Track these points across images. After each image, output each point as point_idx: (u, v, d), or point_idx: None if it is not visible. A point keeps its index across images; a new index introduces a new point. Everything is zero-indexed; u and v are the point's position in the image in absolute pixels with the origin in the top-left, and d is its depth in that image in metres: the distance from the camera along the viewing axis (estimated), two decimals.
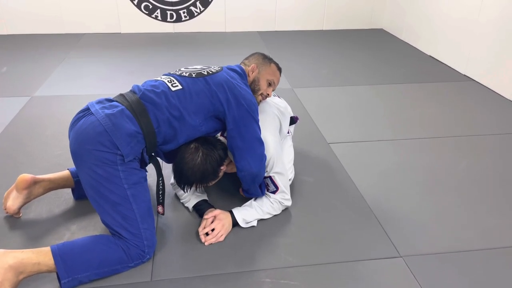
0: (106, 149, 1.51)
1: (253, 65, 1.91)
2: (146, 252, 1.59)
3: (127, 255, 1.55)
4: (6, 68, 3.68)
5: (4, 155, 2.35)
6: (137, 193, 1.58)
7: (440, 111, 3.04)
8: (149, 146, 1.62)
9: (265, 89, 1.90)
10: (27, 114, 2.86)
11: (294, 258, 1.67)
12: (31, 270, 1.43)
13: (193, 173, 1.68)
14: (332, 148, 2.49)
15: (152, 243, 1.61)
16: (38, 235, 1.76)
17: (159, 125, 1.61)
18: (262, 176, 1.79)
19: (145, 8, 4.79)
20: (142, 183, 1.61)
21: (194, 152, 1.67)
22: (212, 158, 1.69)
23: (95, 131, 1.52)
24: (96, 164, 1.51)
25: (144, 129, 1.57)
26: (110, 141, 1.51)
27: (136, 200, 1.57)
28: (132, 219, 1.56)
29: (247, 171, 1.71)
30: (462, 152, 2.49)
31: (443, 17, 4.01)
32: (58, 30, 4.74)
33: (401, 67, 3.94)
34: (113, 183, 1.53)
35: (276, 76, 1.95)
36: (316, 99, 3.19)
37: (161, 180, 1.73)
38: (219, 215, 1.77)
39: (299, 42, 4.70)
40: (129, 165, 1.56)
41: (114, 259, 1.53)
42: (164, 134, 1.64)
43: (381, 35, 5.01)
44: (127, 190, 1.55)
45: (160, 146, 1.69)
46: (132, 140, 1.55)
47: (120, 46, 4.42)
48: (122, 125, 1.53)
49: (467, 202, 2.05)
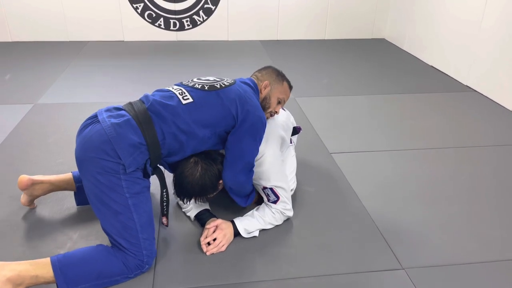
0: (109, 158, 1.51)
1: (266, 81, 1.89)
2: (145, 262, 1.58)
3: (126, 266, 1.55)
4: (9, 75, 3.71)
5: (7, 162, 2.36)
6: (138, 203, 1.58)
7: (442, 121, 3.04)
8: (153, 157, 1.61)
9: (274, 106, 1.90)
10: (30, 121, 2.87)
11: (296, 269, 1.66)
12: (29, 282, 1.43)
13: (192, 187, 1.69)
14: (334, 158, 2.49)
15: (151, 253, 1.60)
16: (39, 244, 1.76)
17: (164, 137, 1.61)
18: (241, 191, 1.82)
19: (149, 17, 4.83)
20: (144, 193, 1.62)
21: (193, 167, 1.68)
22: (211, 172, 1.71)
23: (100, 140, 1.53)
24: (99, 172, 1.52)
25: (148, 141, 1.57)
26: (113, 150, 1.51)
27: (137, 210, 1.57)
28: (132, 228, 1.56)
29: (224, 181, 1.77)
30: (463, 163, 2.49)
31: (445, 27, 4.03)
32: (62, 38, 4.78)
33: (403, 77, 3.96)
34: (115, 192, 1.53)
35: (287, 94, 1.95)
36: (318, 109, 3.20)
37: (165, 192, 1.73)
38: (221, 225, 1.77)
39: (301, 51, 4.73)
40: (131, 174, 1.56)
41: (113, 271, 1.53)
42: (169, 147, 1.64)
43: (383, 45, 5.04)
44: (128, 199, 1.55)
45: (165, 158, 1.69)
46: (135, 151, 1.54)
47: (123, 54, 4.44)
48: (126, 135, 1.54)
49: (469, 213, 2.04)
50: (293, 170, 2.09)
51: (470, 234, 1.90)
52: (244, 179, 1.77)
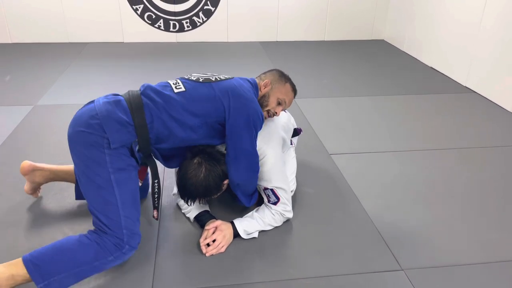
0: (95, 132, 1.55)
1: (267, 80, 1.89)
2: (125, 241, 1.54)
3: (102, 248, 1.52)
4: (9, 77, 3.71)
5: (7, 163, 2.36)
6: (121, 179, 1.57)
7: (441, 122, 3.05)
8: (141, 141, 1.62)
9: (273, 106, 1.86)
10: (30, 123, 2.87)
11: (295, 270, 1.67)
12: (7, 284, 1.43)
13: (196, 188, 1.68)
14: (334, 159, 2.50)
15: (132, 233, 1.56)
16: (37, 245, 1.76)
17: (152, 120, 1.62)
18: (248, 187, 1.80)
19: (148, 18, 4.83)
20: (129, 170, 1.61)
21: (197, 168, 1.67)
22: (215, 173, 1.69)
23: (89, 115, 1.59)
24: (85, 147, 1.56)
25: (136, 122, 1.59)
26: (99, 124, 1.56)
27: (119, 186, 1.57)
28: (112, 204, 1.55)
29: (230, 180, 1.75)
30: (463, 164, 2.49)
31: (444, 28, 4.03)
32: (62, 39, 4.78)
33: (402, 78, 3.96)
34: (98, 166, 1.55)
35: (288, 96, 1.90)
36: (318, 110, 3.21)
37: (157, 183, 1.73)
38: (220, 226, 1.77)
39: (300, 52, 4.74)
40: (117, 150, 1.57)
41: (89, 256, 1.50)
42: (157, 132, 1.64)
43: (382, 46, 5.05)
44: (111, 174, 1.55)
45: (155, 146, 1.69)
46: (121, 128, 1.57)
47: (123, 55, 4.45)
48: (114, 112, 1.59)
49: (469, 215, 2.04)
50: (293, 171, 2.10)
51: (470, 235, 1.90)
52: (251, 174, 1.76)
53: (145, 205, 2.03)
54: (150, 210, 1.99)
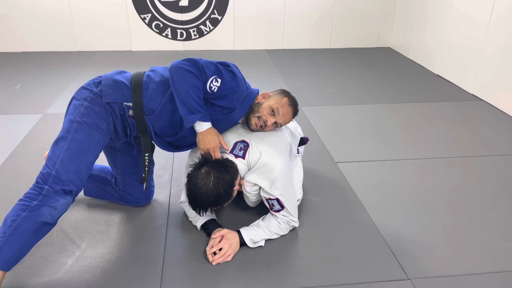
0: (88, 87, 1.76)
1: (267, 92, 1.92)
2: (49, 182, 1.57)
3: (25, 198, 1.55)
4: (20, 85, 3.77)
5: (17, 171, 2.40)
6: (82, 130, 1.66)
7: (447, 131, 3.04)
8: (135, 106, 1.73)
9: (265, 114, 1.84)
10: (40, 131, 2.92)
11: (301, 279, 1.67)
12: None
13: (207, 198, 1.67)
14: (340, 167, 2.50)
15: (59, 178, 1.58)
16: (48, 254, 1.78)
17: (148, 87, 1.75)
18: (179, 80, 1.69)
19: (156, 27, 4.89)
20: (93, 129, 1.69)
21: (206, 177, 1.66)
22: (224, 180, 1.68)
23: (94, 78, 1.82)
24: (76, 98, 1.75)
25: (133, 86, 1.74)
26: (96, 81, 1.77)
27: (76, 133, 1.66)
28: (60, 148, 1.64)
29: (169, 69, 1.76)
30: (470, 173, 2.48)
31: (450, 35, 4.04)
32: (71, 48, 4.86)
33: (409, 86, 3.97)
34: (71, 114, 1.70)
35: (282, 107, 1.87)
36: (324, 118, 3.22)
37: (147, 156, 1.83)
38: (227, 235, 1.78)
39: (306, 60, 4.76)
40: (95, 107, 1.70)
41: (13, 210, 1.54)
42: (150, 96, 1.75)
43: (389, 54, 5.06)
44: (74, 122, 1.67)
45: (147, 116, 1.76)
46: (117, 86, 1.74)
47: (131, 63, 4.50)
48: (115, 75, 1.79)
49: (476, 224, 2.04)
50: (299, 180, 2.11)
51: (476, 244, 1.90)
52: (185, 63, 1.70)
53: (149, 213, 2.06)
54: (157, 215, 2.02)
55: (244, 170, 1.81)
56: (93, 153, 1.71)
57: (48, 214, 1.55)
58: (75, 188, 1.63)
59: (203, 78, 1.70)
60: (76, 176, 1.63)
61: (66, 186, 1.59)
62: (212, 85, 1.72)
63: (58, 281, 1.64)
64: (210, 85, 1.72)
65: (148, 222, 1.99)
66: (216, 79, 1.73)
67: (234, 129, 1.92)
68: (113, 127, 1.77)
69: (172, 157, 2.56)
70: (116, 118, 1.76)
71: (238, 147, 1.81)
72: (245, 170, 1.81)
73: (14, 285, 1.61)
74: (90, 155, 1.70)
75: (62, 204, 1.59)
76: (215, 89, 1.73)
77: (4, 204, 1.98)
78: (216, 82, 1.73)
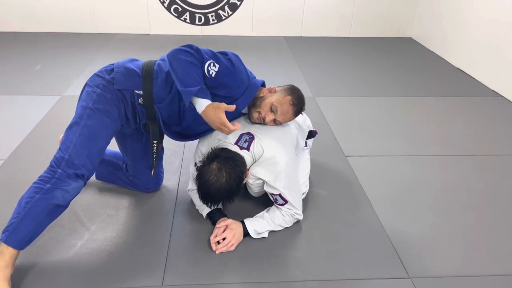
0: (100, 74, 1.80)
1: (274, 87, 1.92)
2: (63, 166, 1.62)
3: (39, 180, 1.60)
4: (40, 66, 3.85)
5: (36, 150, 2.48)
6: (94, 117, 1.71)
7: (465, 127, 2.98)
8: (145, 94, 1.77)
9: (265, 110, 1.85)
10: (57, 113, 2.99)
11: (302, 272, 1.69)
12: (4, 260, 1.54)
13: (220, 193, 1.68)
14: (349, 161, 2.49)
15: (71, 162, 1.63)
16: (59, 235, 1.85)
17: (158, 76, 1.79)
18: (177, 66, 1.70)
19: (175, 11, 4.89)
20: (105, 115, 1.73)
21: (218, 173, 1.66)
22: (235, 175, 1.69)
23: (107, 66, 1.85)
24: (88, 85, 1.79)
25: (144, 75, 1.78)
26: (108, 69, 1.81)
27: (88, 119, 1.70)
28: (74, 132, 1.69)
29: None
30: (483, 172, 2.44)
31: (474, 29, 3.92)
32: (91, 29, 4.91)
33: (428, 79, 3.88)
34: (84, 101, 1.75)
35: (283, 105, 1.84)
36: (337, 109, 3.19)
37: (155, 144, 1.87)
38: (231, 225, 1.81)
39: (324, 48, 4.70)
40: (107, 94, 1.74)
41: (28, 192, 1.59)
42: (159, 86, 1.79)
43: (410, 44, 4.94)
44: (87, 108, 1.72)
45: (157, 105, 1.79)
46: (128, 74, 1.78)
47: (149, 47, 4.53)
48: (126, 62, 1.84)
49: (483, 224, 2.01)
50: (306, 173, 2.11)
51: (482, 246, 1.88)
52: (181, 47, 1.73)
53: (158, 200, 2.10)
54: (165, 201, 2.08)
55: (250, 162, 1.83)
56: (104, 138, 1.76)
57: (61, 197, 1.61)
58: (86, 172, 1.68)
59: (199, 58, 1.72)
60: (88, 161, 1.68)
61: (78, 170, 1.65)
62: (210, 69, 1.73)
63: (68, 261, 1.71)
64: (208, 69, 1.73)
65: (156, 208, 2.04)
66: (214, 64, 1.74)
67: (240, 121, 1.93)
68: (124, 114, 1.81)
69: (183, 144, 2.60)
70: (127, 105, 1.80)
71: (244, 138, 1.83)
72: (251, 162, 1.83)
73: (26, 264, 1.68)
74: (101, 140, 1.75)
75: (74, 187, 1.64)
76: (213, 74, 1.73)
77: (20, 185, 2.05)
78: (214, 66, 1.74)
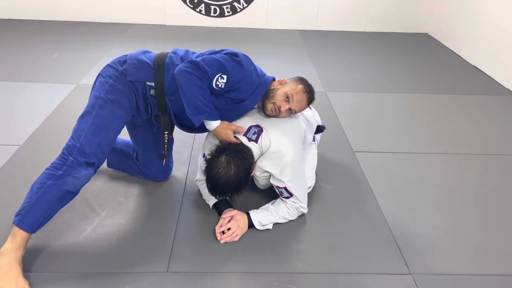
0: (113, 65, 1.84)
1: (284, 79, 1.94)
2: (74, 154, 1.67)
3: (50, 167, 1.66)
4: (56, 54, 3.93)
5: (50, 137, 2.55)
6: (106, 107, 1.76)
7: (477, 125, 2.95)
8: (156, 86, 1.81)
9: (280, 100, 1.87)
10: (72, 101, 3.06)
11: (304, 264, 1.73)
12: (17, 253, 1.60)
13: (229, 185, 1.71)
14: (357, 156, 2.50)
15: (82, 150, 1.68)
16: (70, 219, 1.91)
17: (169, 68, 1.81)
18: (184, 83, 1.73)
19: (190, 2, 4.92)
20: (117, 106, 1.78)
21: (227, 166, 1.70)
22: (244, 167, 1.72)
23: (119, 57, 1.89)
24: (101, 75, 1.84)
25: (155, 66, 1.81)
26: (121, 60, 1.85)
27: (100, 109, 1.75)
28: (86, 122, 1.74)
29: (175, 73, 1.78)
30: (492, 171, 2.42)
31: (490, 27, 3.85)
32: (108, 19, 4.97)
33: (442, 76, 3.84)
34: (97, 91, 1.80)
35: (297, 94, 1.88)
36: (348, 105, 3.19)
37: (167, 134, 1.92)
38: (236, 216, 1.85)
39: (339, 43, 4.67)
40: (120, 85, 1.78)
41: (40, 178, 1.65)
42: (170, 79, 1.80)
43: (426, 40, 4.88)
44: (99, 98, 1.77)
45: (168, 96, 1.82)
46: (140, 66, 1.82)
47: (165, 38, 4.57)
48: (139, 54, 1.87)
49: (489, 224, 2.01)
50: (312, 167, 2.13)
51: (485, 245, 1.88)
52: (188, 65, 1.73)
53: (166, 189, 2.15)
54: (174, 191, 2.14)
55: (258, 154, 1.86)
56: (115, 128, 1.81)
57: (72, 184, 1.66)
58: (97, 161, 1.73)
59: (206, 79, 1.74)
60: (99, 150, 1.73)
61: (89, 159, 1.70)
62: (218, 83, 1.76)
63: (78, 245, 1.78)
64: (216, 83, 1.76)
65: (164, 197, 2.09)
66: (221, 76, 1.75)
67: (250, 114, 1.96)
68: (135, 105, 1.85)
69: (193, 135, 2.64)
70: (138, 97, 1.84)
71: (252, 131, 1.86)
72: (258, 154, 1.86)
73: (38, 247, 1.75)
74: (112, 130, 1.80)
75: (84, 175, 1.70)
76: (222, 86, 1.78)
77: (33, 170, 2.12)
78: (222, 79, 1.76)
